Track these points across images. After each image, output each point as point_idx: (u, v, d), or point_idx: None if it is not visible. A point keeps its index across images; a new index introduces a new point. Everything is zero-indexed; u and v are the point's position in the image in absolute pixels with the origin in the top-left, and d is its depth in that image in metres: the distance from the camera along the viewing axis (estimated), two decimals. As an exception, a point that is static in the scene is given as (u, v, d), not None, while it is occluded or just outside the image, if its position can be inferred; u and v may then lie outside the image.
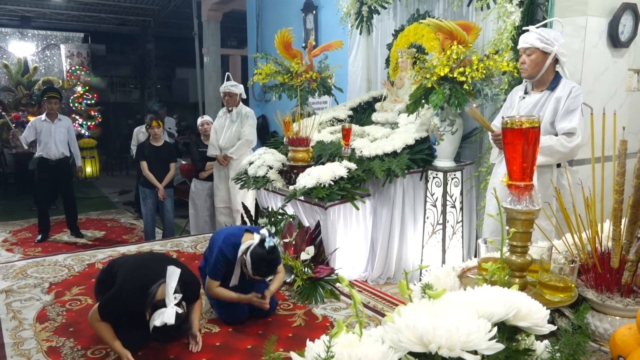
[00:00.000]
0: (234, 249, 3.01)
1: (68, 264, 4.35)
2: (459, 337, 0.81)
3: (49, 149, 5.76)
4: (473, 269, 1.63)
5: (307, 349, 0.90)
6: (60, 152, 5.82)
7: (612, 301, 1.40)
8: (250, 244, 2.94)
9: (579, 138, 2.82)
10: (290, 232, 3.91)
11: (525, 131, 1.35)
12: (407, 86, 4.42)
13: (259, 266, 2.91)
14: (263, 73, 4.95)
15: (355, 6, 5.31)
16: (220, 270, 3.06)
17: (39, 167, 5.88)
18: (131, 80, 16.05)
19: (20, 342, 2.91)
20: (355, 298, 0.91)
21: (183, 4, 11.45)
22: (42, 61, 12.09)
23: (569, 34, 3.32)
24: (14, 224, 6.88)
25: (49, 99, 5.84)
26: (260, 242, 2.93)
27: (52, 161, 5.78)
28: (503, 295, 0.96)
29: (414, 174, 3.92)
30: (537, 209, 1.38)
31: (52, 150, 5.77)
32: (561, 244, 1.67)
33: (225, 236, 3.09)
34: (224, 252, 3.01)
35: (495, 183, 3.20)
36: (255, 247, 2.92)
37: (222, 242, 3.04)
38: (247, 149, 5.40)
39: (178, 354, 2.79)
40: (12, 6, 11.42)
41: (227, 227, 3.40)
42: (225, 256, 3.01)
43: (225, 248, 3.02)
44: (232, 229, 3.26)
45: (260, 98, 8.17)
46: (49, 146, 5.76)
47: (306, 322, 3.20)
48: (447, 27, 3.42)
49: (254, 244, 2.93)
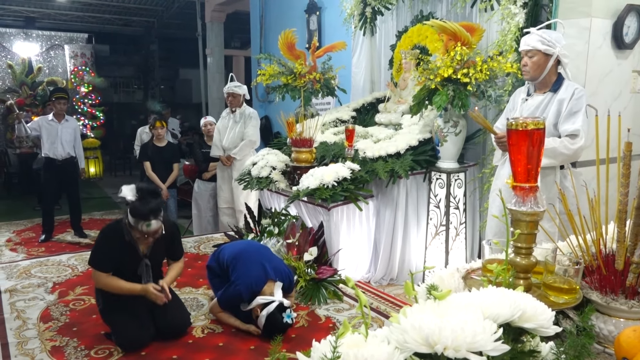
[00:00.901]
0: (252, 294, 2.99)
1: (72, 264, 4.36)
2: (464, 338, 0.81)
3: (55, 149, 5.78)
4: (477, 270, 1.62)
5: (313, 349, 0.90)
6: (67, 152, 5.85)
7: (616, 303, 1.40)
8: (270, 308, 2.91)
9: (582, 140, 2.81)
10: (293, 232, 3.91)
11: (530, 132, 1.35)
12: (411, 87, 4.42)
13: (271, 331, 2.90)
14: (266, 74, 4.96)
15: (359, 7, 5.31)
16: (232, 305, 3.08)
17: (45, 167, 5.90)
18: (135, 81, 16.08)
19: (24, 342, 2.92)
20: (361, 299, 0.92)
21: (187, 5, 11.46)
22: (46, 62, 12.13)
23: (573, 35, 3.32)
24: (18, 224, 6.90)
25: (58, 99, 5.86)
26: (278, 308, 2.92)
27: (59, 161, 5.81)
28: (508, 297, 0.96)
29: (417, 175, 3.92)
30: (541, 211, 1.38)
31: (59, 150, 5.79)
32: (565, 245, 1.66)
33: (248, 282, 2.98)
34: (242, 294, 2.99)
35: (498, 185, 3.19)
36: (274, 312, 2.90)
37: (242, 287, 2.97)
38: (250, 149, 5.41)
39: (181, 354, 2.80)
40: (16, 7, 11.45)
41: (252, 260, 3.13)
42: (241, 298, 3.00)
43: (245, 293, 2.98)
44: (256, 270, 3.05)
45: (264, 99, 8.18)
46: (55, 146, 5.78)
47: (309, 323, 3.20)
48: (450, 29, 3.42)
49: (272, 308, 2.90)
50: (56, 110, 5.85)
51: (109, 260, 2.86)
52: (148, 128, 6.51)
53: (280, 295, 2.99)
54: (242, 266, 3.06)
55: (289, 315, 2.93)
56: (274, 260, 3.20)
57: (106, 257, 2.86)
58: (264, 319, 2.89)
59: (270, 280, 3.04)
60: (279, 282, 3.05)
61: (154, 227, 2.81)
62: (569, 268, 1.40)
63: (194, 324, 3.15)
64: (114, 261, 2.86)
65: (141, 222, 2.77)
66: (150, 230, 2.80)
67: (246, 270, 3.03)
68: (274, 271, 3.07)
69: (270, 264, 3.11)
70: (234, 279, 3.02)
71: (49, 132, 5.77)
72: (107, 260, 2.86)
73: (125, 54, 15.51)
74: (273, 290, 3.01)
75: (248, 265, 3.07)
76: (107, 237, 2.90)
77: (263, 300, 2.93)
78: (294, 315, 3.04)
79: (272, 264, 3.12)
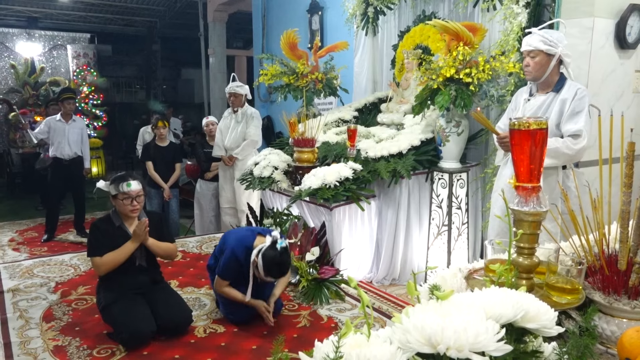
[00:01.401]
0: (246, 251, 3.01)
1: (74, 263, 4.36)
2: (467, 338, 0.81)
3: (62, 149, 5.81)
4: (479, 271, 1.62)
5: (315, 349, 0.90)
6: (73, 152, 5.88)
7: (619, 303, 1.39)
8: (262, 247, 2.94)
9: (585, 140, 2.80)
10: (295, 232, 3.92)
11: (533, 132, 1.35)
12: (413, 87, 4.42)
13: (271, 268, 2.92)
14: (269, 74, 4.96)
15: (361, 7, 5.31)
16: (231, 270, 3.06)
17: (53, 167, 5.91)
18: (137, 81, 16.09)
19: (27, 341, 2.92)
20: (363, 299, 0.91)
21: (189, 5, 11.48)
22: (48, 61, 12.15)
23: (576, 35, 3.31)
24: (21, 224, 6.92)
25: (66, 99, 5.89)
26: (272, 244, 2.93)
27: (66, 161, 5.83)
28: (511, 297, 0.96)
29: (419, 175, 3.92)
30: (544, 211, 1.37)
31: (66, 150, 5.82)
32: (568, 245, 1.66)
33: (237, 238, 3.10)
34: (236, 253, 3.02)
35: (500, 185, 3.19)
36: (267, 249, 2.92)
37: (234, 244, 3.05)
38: (252, 149, 5.41)
39: (183, 353, 2.80)
40: (19, 7, 11.48)
41: (240, 229, 3.40)
42: (236, 257, 3.02)
43: (238, 249, 3.02)
44: (244, 230, 3.26)
45: (266, 99, 8.18)
46: (62, 146, 5.81)
47: (311, 323, 3.20)
48: (453, 28, 3.42)
49: (265, 246, 2.93)
50: (64, 110, 5.88)
51: (103, 246, 2.96)
52: (150, 128, 6.51)
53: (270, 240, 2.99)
54: (230, 236, 3.20)
55: (280, 243, 2.94)
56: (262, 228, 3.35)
57: (99, 244, 2.97)
58: (261, 260, 2.90)
59: (260, 234, 3.09)
60: (268, 236, 3.04)
61: (135, 187, 2.98)
62: (572, 268, 1.40)
63: (196, 323, 3.15)
64: (107, 246, 2.97)
65: (121, 184, 2.96)
66: (132, 190, 2.97)
67: (235, 236, 3.15)
68: (262, 231, 3.16)
69: (258, 228, 3.27)
70: (226, 248, 3.11)
71: (56, 132, 5.79)
72: (101, 246, 2.96)
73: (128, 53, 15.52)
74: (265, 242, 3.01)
75: (236, 232, 3.25)
76: (98, 227, 3.04)
77: (257, 249, 2.95)
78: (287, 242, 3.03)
79: (260, 228, 3.28)
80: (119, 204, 3.01)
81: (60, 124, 5.84)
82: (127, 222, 3.08)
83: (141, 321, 2.88)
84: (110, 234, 3.00)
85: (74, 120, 5.95)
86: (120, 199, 2.99)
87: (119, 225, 3.04)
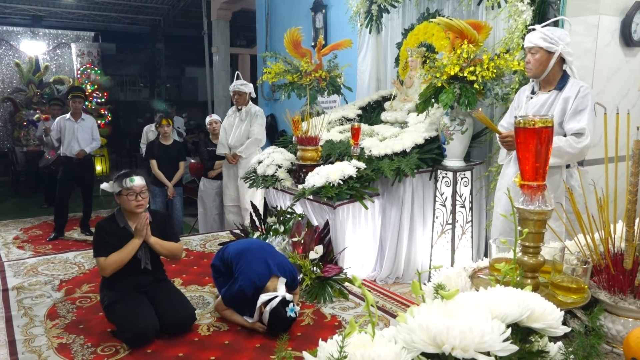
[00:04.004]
0: (255, 290, 2.99)
1: (78, 261, 4.38)
2: (472, 338, 0.81)
3: (72, 147, 5.82)
4: (484, 270, 1.61)
5: (319, 349, 0.90)
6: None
7: (625, 303, 1.39)
8: (273, 301, 2.90)
9: (588, 139, 2.79)
10: (299, 231, 3.91)
11: (538, 130, 1.34)
12: (417, 85, 4.40)
13: (275, 327, 2.91)
14: (272, 72, 4.96)
15: (365, 5, 5.30)
16: (236, 302, 3.07)
17: (63, 166, 5.92)
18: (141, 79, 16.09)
19: (31, 339, 2.93)
20: (368, 298, 0.91)
21: (193, 3, 11.48)
22: (53, 60, 12.18)
23: (581, 33, 3.30)
24: (25, 222, 6.94)
25: (74, 98, 5.90)
26: (282, 302, 2.90)
27: (76, 159, 5.83)
28: (517, 296, 0.95)
29: (423, 173, 3.91)
30: (549, 210, 1.36)
31: (75, 149, 5.82)
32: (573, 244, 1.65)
33: (251, 277, 2.99)
34: (245, 291, 2.99)
35: (503, 184, 3.18)
36: (277, 307, 2.88)
37: (246, 283, 2.98)
38: (256, 147, 5.41)
39: (187, 352, 2.80)
40: (23, 5, 11.51)
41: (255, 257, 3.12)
42: (244, 292, 2.99)
43: (248, 289, 2.98)
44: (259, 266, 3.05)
45: (270, 97, 8.18)
46: (72, 145, 5.82)
47: (315, 322, 3.20)
48: (457, 26, 3.40)
49: (275, 303, 2.89)
50: (73, 110, 5.89)
51: (108, 246, 2.97)
52: (154, 126, 6.52)
53: (283, 291, 3.00)
54: (245, 263, 3.06)
55: (292, 309, 2.92)
56: (277, 257, 3.20)
57: (105, 243, 2.97)
58: (268, 314, 2.89)
59: (274, 276, 3.04)
60: (282, 277, 3.05)
61: (138, 182, 3.01)
62: (577, 267, 1.39)
63: (199, 321, 3.15)
64: (112, 246, 2.97)
65: (125, 179, 2.98)
66: (135, 185, 2.99)
67: (249, 267, 3.03)
68: (277, 267, 3.08)
69: (274, 261, 3.11)
70: (237, 276, 3.03)
71: (66, 131, 5.81)
72: (106, 246, 2.97)
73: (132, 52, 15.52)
74: (277, 286, 3.01)
75: (251, 261, 3.07)
76: (103, 227, 3.04)
77: (267, 297, 2.93)
78: (298, 309, 3.02)
79: (276, 261, 3.12)
80: (124, 201, 3.01)
81: (69, 122, 5.86)
82: (131, 221, 3.08)
83: (144, 320, 2.88)
84: (115, 235, 3.01)
85: (83, 119, 5.96)
86: (125, 195, 2.99)
87: (124, 226, 3.05)
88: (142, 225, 2.99)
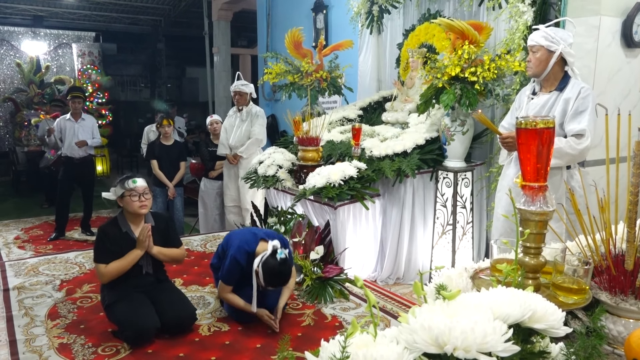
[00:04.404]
0: (248, 256, 3.00)
1: (79, 261, 4.38)
2: (474, 338, 0.81)
3: (72, 147, 5.82)
4: (485, 270, 1.62)
5: (321, 349, 0.90)
6: (84, 150, 5.88)
7: (626, 304, 1.39)
8: (264, 255, 2.91)
9: (589, 140, 2.78)
10: (299, 231, 3.92)
11: (540, 131, 1.34)
12: (418, 86, 4.41)
13: (271, 279, 2.91)
14: (273, 72, 4.96)
15: (366, 6, 5.30)
16: (234, 275, 3.05)
17: (64, 166, 5.92)
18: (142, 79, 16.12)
19: (32, 339, 2.93)
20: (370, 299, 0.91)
21: (194, 4, 11.49)
22: (54, 60, 12.19)
23: (582, 33, 3.30)
24: (26, 222, 6.94)
25: (74, 98, 5.90)
26: (272, 253, 2.90)
27: (77, 159, 5.84)
28: (518, 297, 0.95)
29: (424, 174, 3.91)
30: (551, 210, 1.37)
31: (75, 149, 5.82)
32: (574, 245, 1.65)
33: (239, 243, 3.05)
34: (238, 258, 3.00)
35: (504, 185, 3.18)
36: (267, 259, 2.89)
37: (236, 249, 3.02)
38: (256, 148, 5.41)
39: (187, 352, 2.80)
40: (24, 5, 11.52)
41: (243, 230, 3.34)
42: (238, 262, 3.00)
43: (239, 256, 3.00)
44: (247, 234, 3.18)
45: (270, 97, 8.18)
46: (72, 145, 5.81)
47: (315, 322, 3.20)
48: (458, 27, 3.41)
49: (266, 255, 2.90)
50: (73, 110, 5.89)
51: (109, 252, 2.96)
52: (155, 126, 6.52)
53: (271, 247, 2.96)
54: (234, 239, 3.13)
55: (280, 253, 2.90)
56: (266, 230, 3.26)
57: (106, 249, 2.97)
58: (261, 270, 2.88)
59: (262, 240, 3.05)
60: (271, 241, 3.01)
61: (140, 183, 3.02)
62: (578, 268, 1.39)
63: (200, 322, 3.15)
64: (113, 252, 2.96)
65: (127, 181, 3.00)
66: (138, 185, 3.00)
67: (237, 238, 3.10)
68: (265, 234, 3.11)
69: (261, 231, 3.18)
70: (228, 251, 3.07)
71: (66, 131, 5.81)
72: (107, 251, 2.96)
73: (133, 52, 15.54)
74: (267, 248, 2.98)
75: (239, 234, 3.18)
76: (104, 231, 3.03)
77: (259, 258, 2.92)
78: (287, 252, 2.97)
79: (263, 231, 3.20)
80: (127, 203, 3.01)
81: (70, 122, 5.86)
82: (134, 225, 3.06)
83: (145, 319, 2.88)
84: (117, 241, 2.99)
85: (83, 119, 5.96)
86: (128, 196, 2.99)
87: (126, 231, 3.04)
88: (145, 237, 2.98)
